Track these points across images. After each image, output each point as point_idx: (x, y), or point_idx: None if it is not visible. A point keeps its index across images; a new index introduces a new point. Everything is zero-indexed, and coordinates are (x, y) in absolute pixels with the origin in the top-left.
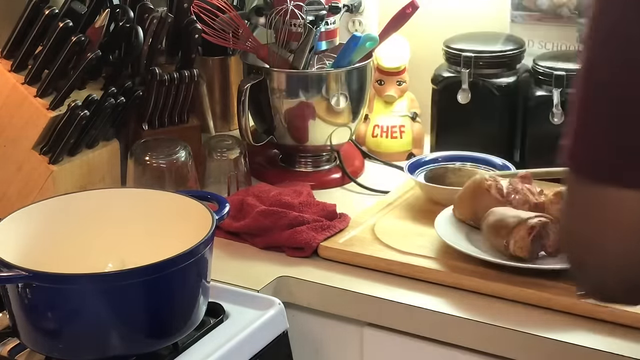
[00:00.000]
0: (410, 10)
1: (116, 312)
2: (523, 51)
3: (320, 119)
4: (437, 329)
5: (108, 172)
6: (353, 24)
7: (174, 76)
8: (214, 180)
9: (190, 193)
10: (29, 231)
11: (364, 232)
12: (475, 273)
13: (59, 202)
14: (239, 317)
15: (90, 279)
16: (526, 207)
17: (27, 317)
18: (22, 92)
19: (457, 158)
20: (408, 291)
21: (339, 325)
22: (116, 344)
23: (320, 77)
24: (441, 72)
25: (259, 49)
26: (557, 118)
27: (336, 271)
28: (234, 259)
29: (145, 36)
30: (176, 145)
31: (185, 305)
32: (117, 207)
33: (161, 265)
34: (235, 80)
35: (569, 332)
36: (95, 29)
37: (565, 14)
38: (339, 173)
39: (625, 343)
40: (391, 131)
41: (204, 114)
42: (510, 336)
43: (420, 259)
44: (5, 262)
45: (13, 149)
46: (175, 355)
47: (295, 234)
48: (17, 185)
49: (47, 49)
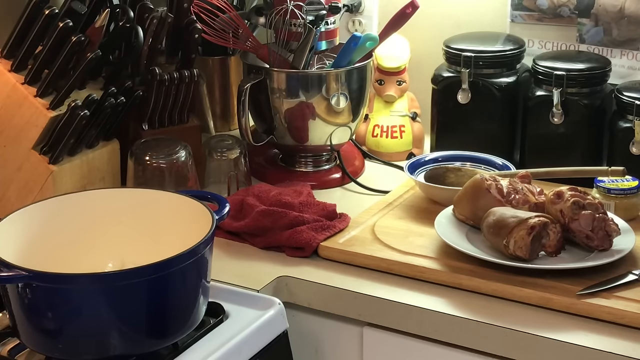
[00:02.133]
0: (410, 10)
1: (116, 312)
2: (523, 51)
3: (320, 119)
4: (437, 329)
5: (108, 172)
6: (353, 24)
7: (174, 76)
8: (214, 180)
9: (190, 193)
10: (29, 231)
11: (364, 232)
12: (475, 273)
13: (59, 202)
14: (239, 317)
15: (90, 279)
16: (526, 207)
17: (27, 317)
18: (22, 92)
19: (457, 158)
20: (408, 291)
21: (338, 325)
22: (116, 344)
23: (320, 77)
24: (441, 72)
25: (259, 49)
26: (557, 118)
27: (336, 271)
28: (234, 259)
29: (145, 36)
30: (176, 145)
31: (185, 305)
32: (117, 207)
33: (161, 265)
34: (235, 80)
35: (569, 332)
36: (95, 29)
37: (565, 14)
38: (339, 173)
39: (625, 343)
40: (391, 131)
41: (204, 114)
42: (510, 336)
43: (420, 259)
44: (5, 262)
45: (13, 149)
46: (175, 355)
47: (295, 234)
48: (17, 185)
49: (47, 49)
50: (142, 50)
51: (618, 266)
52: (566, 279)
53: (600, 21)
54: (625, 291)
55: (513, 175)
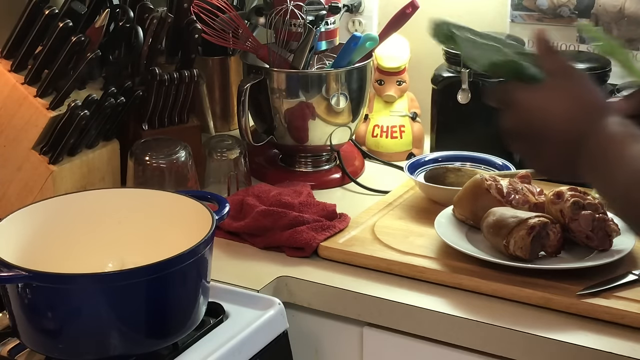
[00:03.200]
0: (410, 10)
1: (116, 312)
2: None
3: (320, 119)
4: (437, 329)
5: (108, 172)
6: (353, 24)
7: (174, 76)
8: (214, 180)
9: (190, 193)
10: (29, 231)
11: (364, 232)
12: (475, 273)
13: (59, 202)
14: (239, 317)
15: (90, 279)
16: (526, 207)
17: (27, 317)
18: (22, 92)
19: (457, 158)
20: (408, 291)
21: (338, 325)
22: (116, 344)
23: (320, 77)
24: (441, 72)
25: (259, 49)
26: None
27: (336, 271)
28: (234, 259)
29: (145, 36)
30: (176, 145)
31: (185, 305)
32: (117, 207)
33: (161, 265)
34: (235, 80)
35: (569, 332)
36: (95, 29)
37: (565, 14)
38: (339, 173)
39: (625, 343)
40: (391, 131)
41: (204, 114)
42: (510, 336)
43: (420, 259)
44: (5, 262)
45: (13, 149)
46: (175, 355)
47: (295, 234)
48: (17, 185)
49: (47, 49)
50: (142, 50)
51: (618, 266)
52: (566, 279)
53: (600, 21)
54: (625, 291)
55: (513, 175)
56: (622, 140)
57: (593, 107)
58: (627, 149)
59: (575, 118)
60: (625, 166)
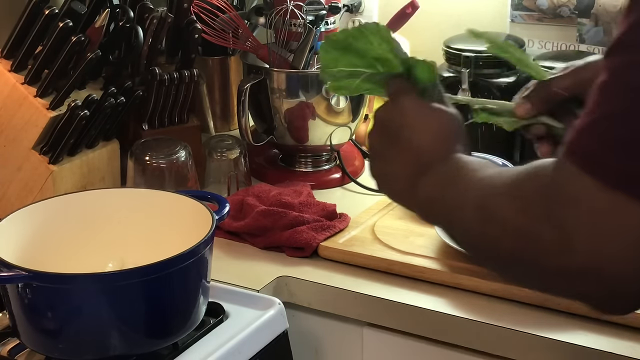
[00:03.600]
0: (410, 10)
1: (116, 312)
2: (523, 51)
3: (320, 119)
4: (437, 329)
5: (108, 172)
6: (353, 24)
7: (174, 76)
8: (214, 180)
9: (190, 193)
10: (29, 231)
11: (364, 232)
12: (475, 273)
13: (59, 202)
14: (239, 317)
15: (90, 279)
16: None
17: (27, 317)
18: (22, 92)
19: None
20: (408, 291)
21: (338, 325)
22: (116, 344)
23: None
24: (441, 72)
25: (259, 49)
26: None
27: (336, 271)
28: (234, 259)
29: (145, 36)
30: (176, 145)
31: (185, 305)
32: (117, 207)
33: (161, 265)
34: (235, 80)
35: (569, 332)
36: (95, 29)
37: (565, 14)
38: (339, 173)
39: (625, 343)
40: None
41: (204, 114)
42: (510, 336)
43: (420, 259)
44: (5, 262)
45: (13, 149)
46: (175, 355)
47: (295, 234)
48: (17, 185)
49: (47, 49)
50: (142, 50)
51: None
52: None
53: (600, 21)
54: None
55: None
56: (478, 164)
57: (456, 134)
58: (478, 173)
59: (442, 139)
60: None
